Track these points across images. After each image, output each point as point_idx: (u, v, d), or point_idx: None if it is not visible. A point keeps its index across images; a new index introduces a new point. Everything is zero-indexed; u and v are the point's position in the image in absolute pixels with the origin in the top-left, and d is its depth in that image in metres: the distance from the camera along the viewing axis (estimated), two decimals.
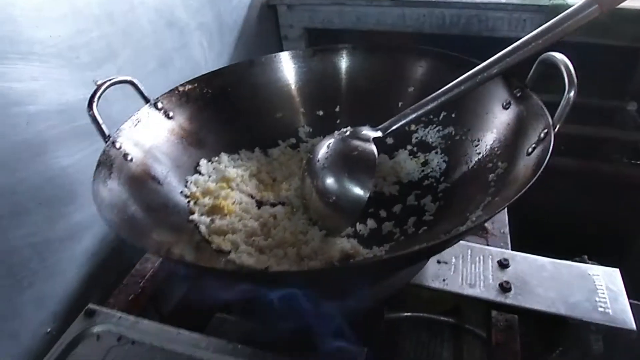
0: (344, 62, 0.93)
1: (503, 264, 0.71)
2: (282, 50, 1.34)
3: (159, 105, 0.80)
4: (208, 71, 0.88)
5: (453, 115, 0.81)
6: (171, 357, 0.60)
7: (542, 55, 0.63)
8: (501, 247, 0.78)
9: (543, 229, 1.08)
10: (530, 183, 0.49)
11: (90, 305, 0.68)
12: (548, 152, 0.53)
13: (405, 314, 0.85)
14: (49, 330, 0.76)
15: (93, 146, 0.79)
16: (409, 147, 0.87)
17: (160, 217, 0.69)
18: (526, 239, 0.83)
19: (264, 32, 1.35)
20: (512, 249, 0.78)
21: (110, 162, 0.67)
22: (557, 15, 0.63)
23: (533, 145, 0.60)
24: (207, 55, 1.12)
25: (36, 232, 0.72)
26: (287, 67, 0.92)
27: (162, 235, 0.65)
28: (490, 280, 0.69)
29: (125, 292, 0.77)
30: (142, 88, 0.77)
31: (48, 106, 0.72)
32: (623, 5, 0.62)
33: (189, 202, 0.78)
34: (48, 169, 0.74)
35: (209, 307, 0.74)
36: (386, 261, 0.58)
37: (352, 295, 0.62)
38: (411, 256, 0.56)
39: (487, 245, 0.78)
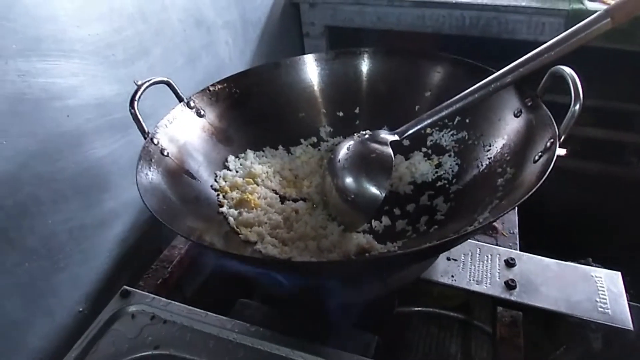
0: (364, 65, 0.95)
1: (510, 263, 0.74)
2: (303, 47, 1.38)
3: (192, 104, 0.84)
4: (232, 67, 0.93)
5: (467, 121, 0.83)
6: (200, 336, 0.64)
7: (553, 68, 0.65)
8: (509, 247, 0.81)
9: (554, 230, 1.10)
10: (533, 190, 0.52)
11: (126, 287, 0.72)
12: (552, 161, 0.56)
13: (416, 308, 0.89)
14: (81, 309, 0.80)
15: (125, 138, 0.84)
16: (424, 150, 0.89)
17: (193, 207, 0.73)
18: (536, 239, 0.86)
19: (286, 30, 1.37)
20: (521, 249, 0.81)
21: (149, 156, 0.71)
22: (576, 19, 0.64)
23: (539, 154, 0.62)
24: (231, 52, 1.14)
25: (72, 218, 0.76)
26: (310, 69, 0.95)
27: (195, 223, 0.69)
28: (497, 278, 0.72)
29: (154, 276, 0.81)
30: (177, 87, 0.81)
31: (86, 100, 0.76)
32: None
33: (218, 195, 0.82)
34: (85, 160, 0.77)
35: (232, 292, 0.79)
36: (398, 256, 0.61)
37: (367, 286, 0.66)
38: (421, 253, 0.59)
39: (497, 244, 0.81)
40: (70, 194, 0.75)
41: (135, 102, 0.71)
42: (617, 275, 0.71)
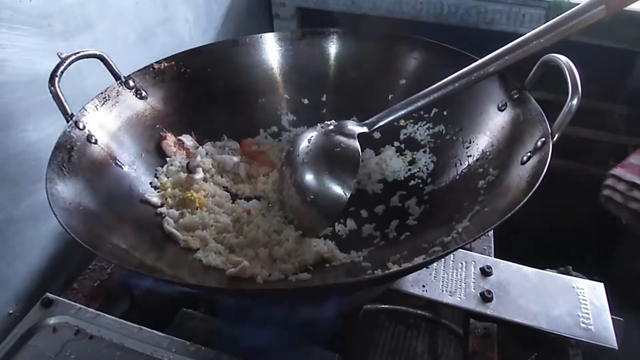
0: (333, 48, 0.89)
1: (486, 272, 0.69)
2: (272, 29, 1.32)
3: (131, 83, 0.76)
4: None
5: (445, 113, 0.78)
6: (131, 355, 0.58)
7: (545, 57, 0.60)
8: (484, 250, 0.76)
9: (527, 233, 1.07)
10: (525, 200, 0.47)
11: (48, 295, 0.65)
12: (545, 164, 0.51)
13: (383, 306, 0.85)
14: (11, 311, 0.75)
15: (63, 121, 0.76)
16: (397, 144, 0.84)
17: (123, 209, 0.66)
18: (509, 241, 0.82)
19: (254, 10, 1.31)
20: (495, 252, 0.77)
21: (70, 144, 0.64)
22: (557, 12, 0.61)
23: (528, 154, 0.57)
24: (192, 31, 1.08)
25: None
26: (272, 49, 0.89)
27: (123, 234, 0.61)
28: (472, 289, 0.67)
29: (91, 277, 0.74)
30: (112, 63, 0.73)
31: (16, 77, 0.69)
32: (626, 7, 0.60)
33: (158, 192, 0.75)
34: (14, 144, 0.71)
35: (176, 301, 0.71)
36: (356, 283, 0.57)
37: (328, 303, 0.60)
38: (388, 277, 0.55)
39: (471, 249, 0.76)
40: None
41: (57, 79, 0.64)
42: (599, 287, 0.66)
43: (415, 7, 1.17)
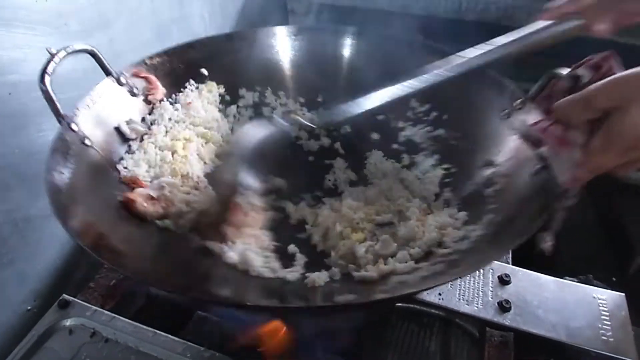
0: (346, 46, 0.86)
1: (504, 280, 0.67)
2: (288, 25, 1.29)
3: (123, 80, 0.72)
4: None
5: (444, 117, 0.76)
6: (145, 359, 0.58)
7: (550, 72, 0.55)
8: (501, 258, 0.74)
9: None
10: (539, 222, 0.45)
11: (65, 296, 0.65)
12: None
13: (397, 304, 0.82)
14: (29, 308, 0.75)
15: None
16: (395, 146, 0.82)
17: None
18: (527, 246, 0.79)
19: (269, 5, 1.30)
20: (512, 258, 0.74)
21: (65, 148, 0.60)
22: None
23: (537, 167, 0.55)
24: (207, 28, 1.07)
25: (17, 208, 0.71)
26: (273, 43, 0.86)
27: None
28: (489, 298, 0.66)
29: (107, 277, 0.74)
30: (103, 58, 0.69)
31: (32, 76, 0.66)
32: None
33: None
34: (30, 144, 0.70)
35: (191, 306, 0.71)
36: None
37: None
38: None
39: None
40: (13, 183, 0.70)
41: (47, 77, 0.58)
42: (621, 298, 0.65)
43: (432, 2, 1.14)
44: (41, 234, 0.75)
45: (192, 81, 0.82)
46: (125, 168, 0.70)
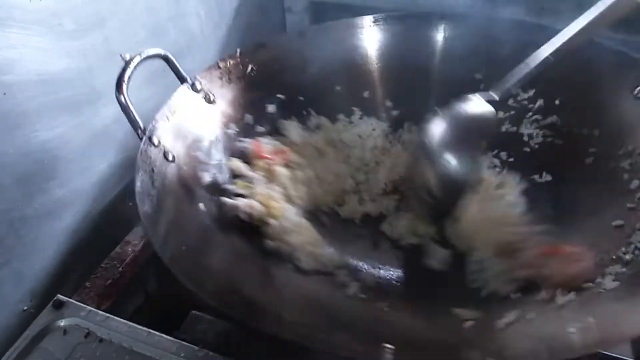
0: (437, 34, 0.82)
1: None
2: (284, 23, 1.29)
3: (198, 86, 0.67)
4: (205, 43, 0.82)
5: (557, 102, 0.70)
6: (139, 359, 0.58)
7: None
8: None
9: None
10: None
11: (59, 296, 0.65)
12: None
13: None
14: (25, 308, 0.75)
15: (76, 120, 0.77)
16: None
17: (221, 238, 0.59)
18: None
19: (265, 3, 1.28)
20: None
21: (150, 165, 0.55)
22: None
23: None
24: (203, 26, 1.05)
25: (12, 208, 0.70)
26: (350, 36, 0.82)
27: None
28: None
29: (103, 276, 0.75)
30: (177, 64, 0.65)
31: (27, 76, 0.69)
32: None
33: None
34: (26, 143, 0.70)
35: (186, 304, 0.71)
36: None
37: None
38: None
39: None
40: (8, 182, 0.69)
41: (124, 85, 0.54)
42: None
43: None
44: (37, 234, 0.75)
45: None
46: None
